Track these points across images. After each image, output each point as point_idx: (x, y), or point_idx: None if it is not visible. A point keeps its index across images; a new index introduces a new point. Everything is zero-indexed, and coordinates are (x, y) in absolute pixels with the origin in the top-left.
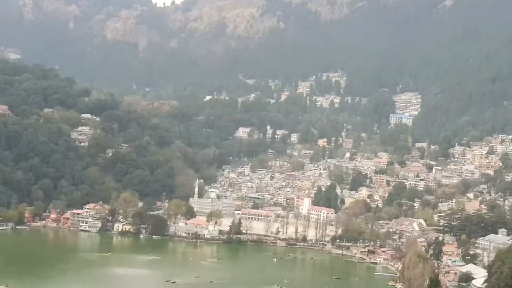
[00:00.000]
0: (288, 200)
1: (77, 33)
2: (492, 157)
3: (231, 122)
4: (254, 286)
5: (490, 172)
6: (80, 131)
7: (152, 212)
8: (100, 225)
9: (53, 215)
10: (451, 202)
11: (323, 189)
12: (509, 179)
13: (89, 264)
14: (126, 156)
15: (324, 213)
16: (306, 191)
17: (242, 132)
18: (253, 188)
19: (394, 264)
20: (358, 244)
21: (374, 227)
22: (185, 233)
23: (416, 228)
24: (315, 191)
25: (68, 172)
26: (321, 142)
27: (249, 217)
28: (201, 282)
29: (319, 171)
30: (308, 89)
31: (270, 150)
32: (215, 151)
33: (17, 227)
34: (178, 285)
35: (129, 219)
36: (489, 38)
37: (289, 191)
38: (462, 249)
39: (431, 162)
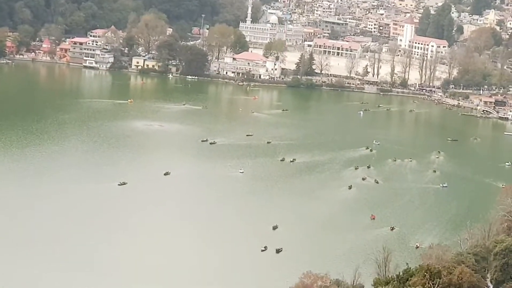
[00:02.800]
0: (381, 28)
1: None
2: None
3: None
4: (331, 149)
5: None
6: None
7: (186, 43)
8: (112, 59)
9: (45, 45)
10: None
11: (432, 12)
12: None
13: (97, 115)
14: None
15: (433, 46)
16: (408, 15)
17: None
18: (330, 9)
19: None
20: (481, 92)
21: (505, 67)
22: (233, 72)
23: None
24: (420, 15)
25: None
26: None
27: (324, 51)
28: (253, 144)
29: None
30: None
31: None
32: None
33: None
34: (218, 146)
35: (153, 52)
36: None
37: (382, 15)
38: None
39: None
